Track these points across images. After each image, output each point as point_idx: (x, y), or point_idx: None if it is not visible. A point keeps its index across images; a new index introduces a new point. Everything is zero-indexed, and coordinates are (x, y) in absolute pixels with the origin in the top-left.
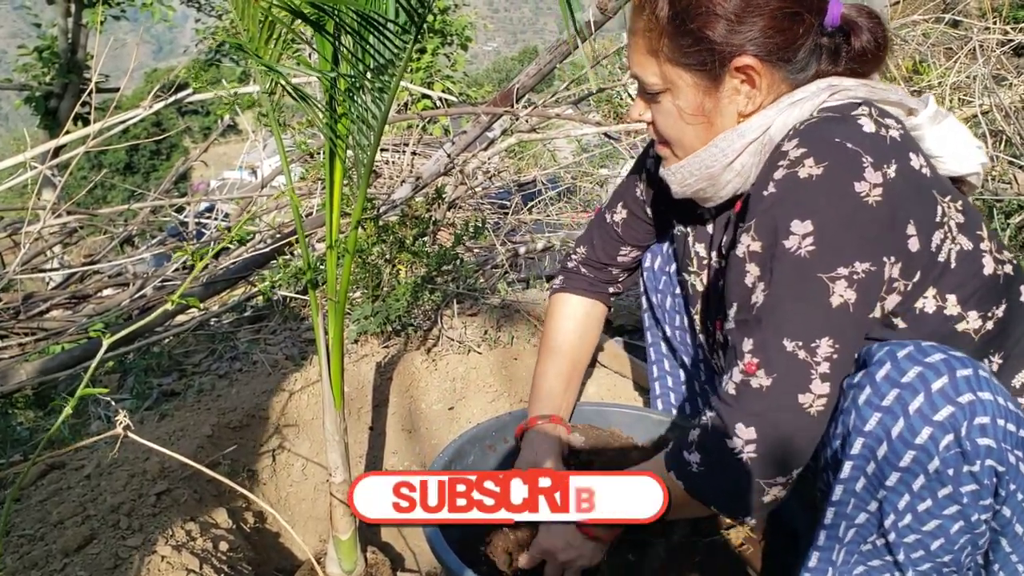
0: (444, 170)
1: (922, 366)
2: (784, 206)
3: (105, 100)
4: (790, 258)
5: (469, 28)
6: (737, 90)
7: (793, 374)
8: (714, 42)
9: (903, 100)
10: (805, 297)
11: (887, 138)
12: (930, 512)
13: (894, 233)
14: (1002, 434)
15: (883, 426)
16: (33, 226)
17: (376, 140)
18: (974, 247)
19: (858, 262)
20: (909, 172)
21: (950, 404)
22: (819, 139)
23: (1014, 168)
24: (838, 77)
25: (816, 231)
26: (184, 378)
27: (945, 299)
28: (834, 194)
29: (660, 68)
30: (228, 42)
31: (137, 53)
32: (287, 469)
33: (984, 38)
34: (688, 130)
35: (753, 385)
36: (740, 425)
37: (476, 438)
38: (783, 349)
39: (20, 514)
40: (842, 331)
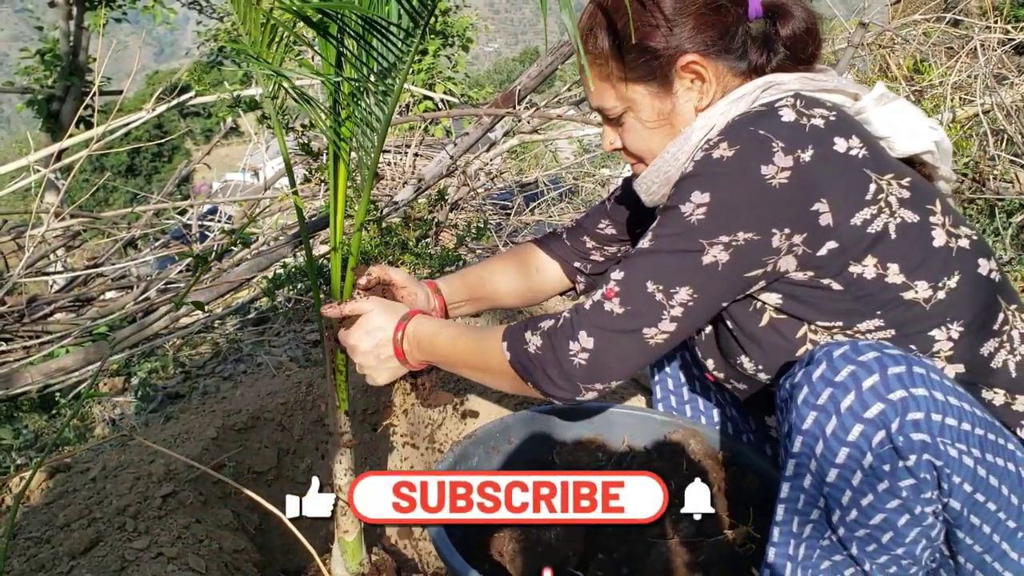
0: (446, 171)
1: (855, 365)
2: (692, 178)
3: (107, 103)
4: (680, 220)
5: (470, 29)
6: (689, 88)
7: (646, 310)
8: (656, 50)
9: (842, 86)
10: (680, 253)
11: (806, 126)
12: (873, 507)
13: (796, 209)
14: (938, 428)
15: (818, 424)
16: (36, 229)
17: (380, 142)
18: (920, 219)
19: (741, 232)
20: (830, 155)
21: (880, 401)
22: (737, 129)
23: (1015, 167)
24: (776, 73)
25: (710, 203)
26: (189, 380)
27: (886, 267)
28: (739, 174)
29: (615, 91)
30: (230, 46)
31: (139, 56)
32: (292, 470)
33: (985, 37)
34: (654, 137)
35: (605, 308)
36: (583, 333)
37: (480, 440)
38: (644, 288)
39: (26, 516)
40: (704, 284)
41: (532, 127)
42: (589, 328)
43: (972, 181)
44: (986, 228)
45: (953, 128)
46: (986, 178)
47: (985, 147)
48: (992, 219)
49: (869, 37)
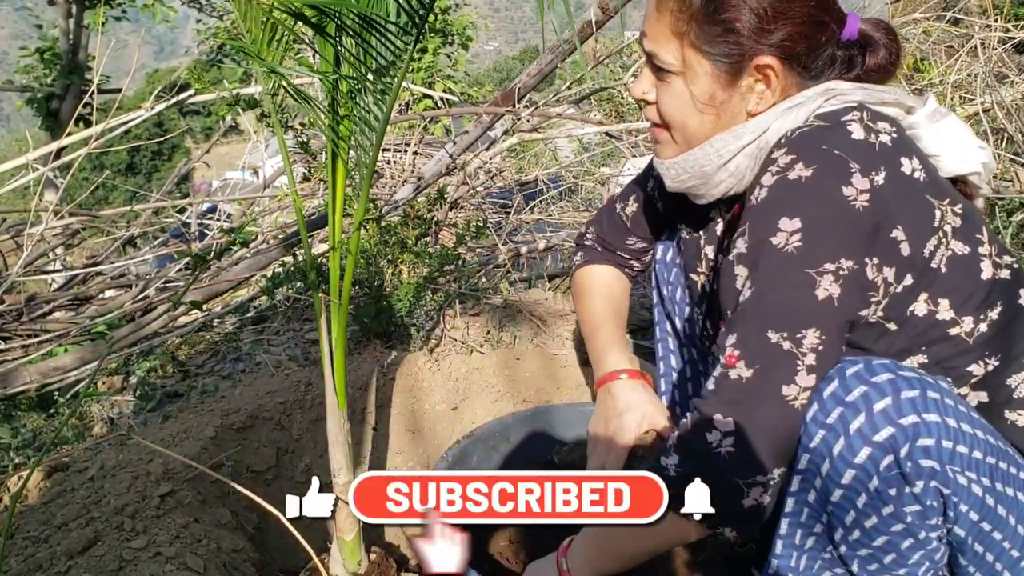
0: (446, 170)
1: (867, 385)
2: (773, 205)
3: (107, 101)
4: (777, 254)
5: (470, 28)
6: (752, 88)
7: (777, 365)
8: (742, 36)
9: (900, 99)
10: (789, 289)
11: (876, 144)
12: (877, 528)
13: (880, 238)
14: (948, 456)
15: (826, 444)
16: (35, 228)
17: (378, 141)
18: (971, 251)
19: (843, 259)
20: (899, 178)
21: (891, 425)
22: (807, 146)
23: (1015, 166)
24: (835, 80)
25: (804, 228)
26: (187, 379)
27: (937, 303)
28: (823, 195)
29: (682, 50)
30: (230, 44)
31: (138, 54)
32: (290, 470)
33: (985, 36)
34: (695, 118)
35: (732, 376)
36: (718, 416)
37: (479, 439)
38: (767, 341)
39: (24, 516)
40: (828, 324)
41: (532, 126)
42: (722, 407)
43: None
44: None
45: None
46: (991, 179)
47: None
48: (992, 218)
49: None
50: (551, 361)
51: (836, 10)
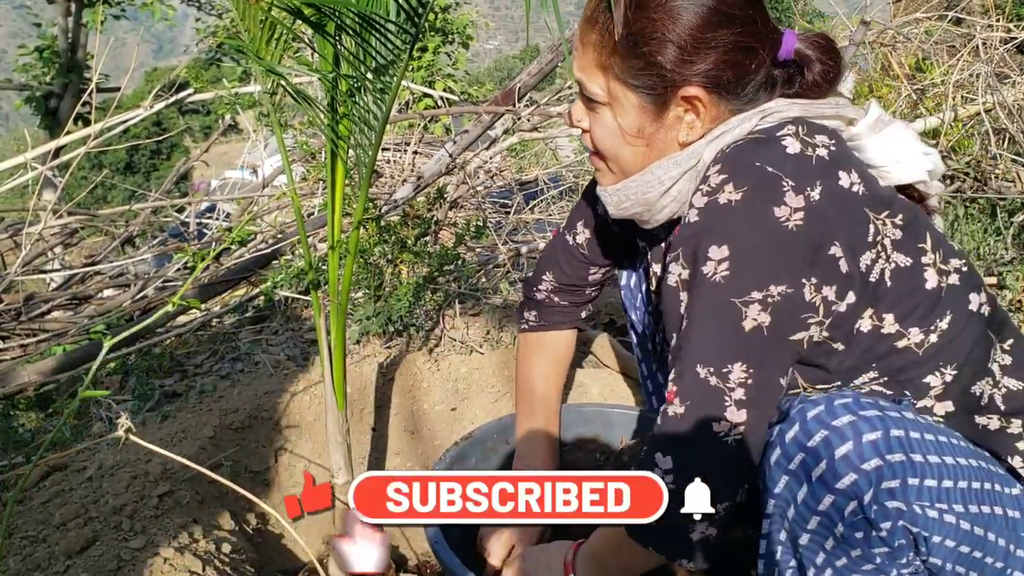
0: (446, 169)
1: (828, 430)
2: (703, 231)
3: (105, 100)
4: (706, 283)
5: (470, 26)
6: (680, 118)
7: (705, 401)
8: (664, 69)
9: (840, 112)
10: (717, 322)
11: (813, 158)
12: (848, 568)
13: (818, 256)
14: (915, 493)
15: (790, 490)
16: (34, 227)
17: (377, 140)
18: (913, 262)
19: (773, 285)
20: (836, 192)
21: (853, 472)
22: (739, 163)
23: (1017, 166)
24: (775, 100)
25: (731, 256)
26: (186, 379)
27: (882, 318)
28: (751, 219)
29: (607, 82)
30: (228, 43)
31: (137, 52)
32: (289, 470)
33: (987, 36)
34: (626, 149)
35: (669, 413)
36: (659, 454)
37: (478, 441)
38: (696, 375)
39: (22, 516)
40: (757, 355)
41: (532, 125)
42: (662, 444)
43: (974, 180)
44: (987, 227)
45: (955, 127)
46: (988, 177)
47: (987, 146)
48: (993, 218)
49: (871, 35)
50: None
51: (766, 32)
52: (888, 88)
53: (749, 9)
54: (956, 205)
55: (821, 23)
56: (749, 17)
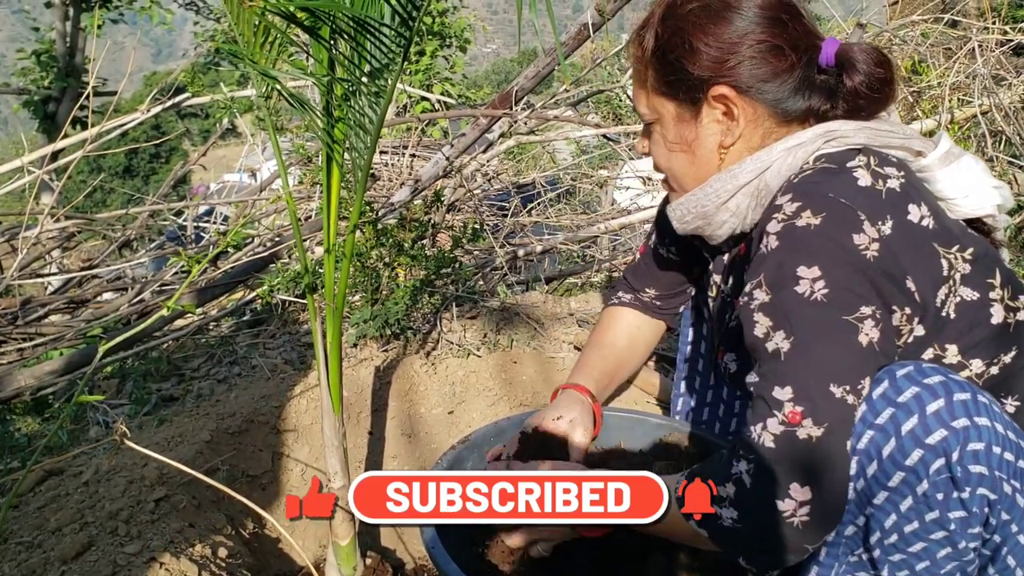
0: (443, 173)
1: (919, 387)
2: (787, 253)
3: (103, 103)
4: (806, 303)
5: (468, 30)
6: (718, 121)
7: (846, 421)
8: (691, 72)
9: (908, 143)
10: (836, 339)
11: (883, 192)
12: (916, 534)
13: (895, 286)
14: (997, 462)
15: (875, 444)
16: (31, 231)
17: (373, 144)
18: (980, 297)
19: (873, 305)
20: (906, 227)
21: (943, 428)
22: (812, 193)
23: (1014, 168)
24: (838, 121)
25: (825, 275)
26: (183, 383)
27: (945, 349)
28: (836, 242)
29: (648, 99)
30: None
31: (135, 56)
32: (286, 474)
33: (983, 38)
34: (674, 159)
35: (800, 436)
36: (795, 485)
37: (475, 444)
38: (831, 396)
39: (18, 521)
40: (875, 371)
41: (529, 128)
42: (798, 474)
43: None
44: None
45: (951, 129)
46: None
47: (983, 148)
48: None
49: (867, 38)
50: (548, 364)
51: (799, 35)
52: None
53: (777, 12)
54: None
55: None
56: (775, 19)
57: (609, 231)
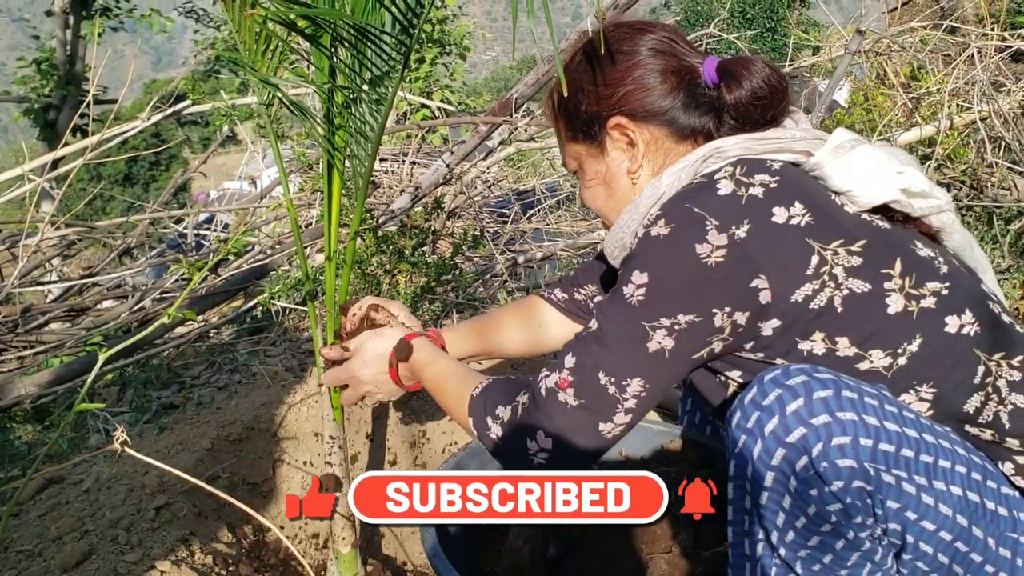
0: (443, 180)
1: (782, 388)
2: (633, 258)
3: (104, 111)
4: (624, 302)
5: (467, 38)
6: (623, 150)
7: (600, 405)
8: (586, 112)
9: (786, 145)
10: (626, 340)
11: (744, 197)
12: (808, 529)
13: (734, 288)
14: (868, 454)
15: (747, 448)
16: (32, 239)
17: (373, 151)
18: (872, 288)
19: (682, 315)
20: (767, 228)
21: (802, 426)
22: (673, 205)
23: (1013, 174)
24: (721, 139)
25: (649, 283)
26: (183, 391)
27: (835, 341)
28: (673, 252)
29: (566, 148)
30: (225, 56)
31: (136, 64)
32: (287, 482)
33: (982, 44)
34: (596, 195)
35: (559, 399)
36: (541, 433)
37: (475, 451)
38: (597, 380)
39: (18, 529)
40: (654, 373)
41: (529, 135)
42: (547, 425)
43: (970, 188)
44: (984, 235)
45: (951, 135)
46: (984, 185)
47: (983, 154)
48: (990, 226)
49: (866, 44)
50: None
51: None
52: (884, 97)
53: (655, 44)
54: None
55: (816, 33)
56: (653, 51)
57: None
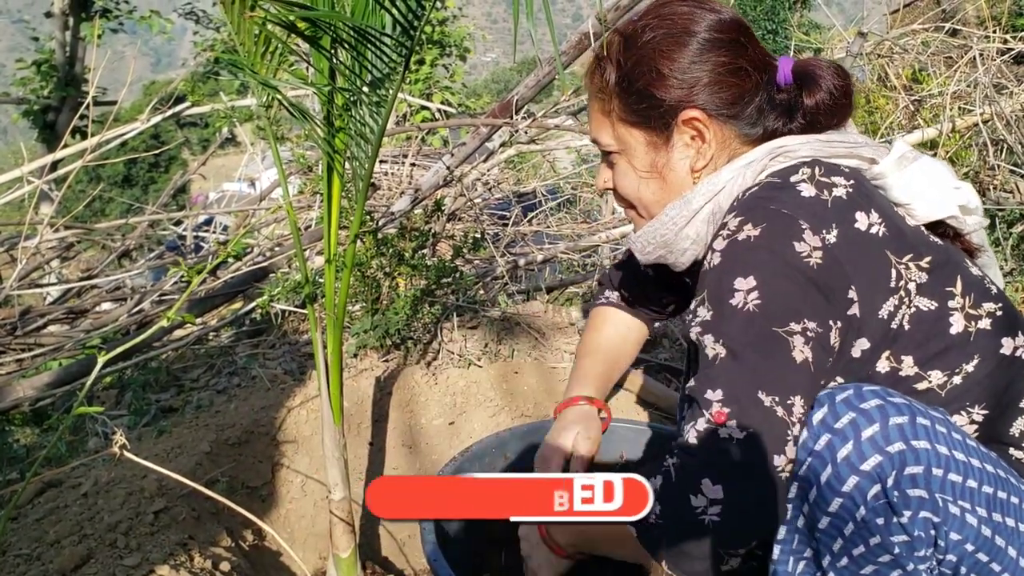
0: (443, 182)
1: (856, 412)
2: (726, 267)
3: (103, 113)
4: (739, 314)
5: (468, 39)
6: (688, 144)
7: (772, 432)
8: (660, 99)
9: (856, 151)
10: (768, 351)
11: (828, 200)
12: (865, 558)
13: (837, 296)
14: (938, 484)
15: (813, 471)
16: (30, 241)
17: (374, 153)
18: (939, 307)
19: (807, 320)
20: (853, 235)
21: (878, 453)
22: (754, 207)
23: (1015, 177)
24: (785, 137)
25: (760, 285)
26: (182, 394)
27: (900, 360)
28: (774, 251)
29: (614, 129)
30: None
31: (135, 66)
32: (286, 486)
33: (984, 47)
34: (644, 187)
35: (721, 435)
36: (707, 481)
37: (476, 456)
38: (760, 403)
39: (16, 533)
40: (808, 391)
41: (530, 137)
42: (711, 472)
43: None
44: (987, 238)
45: (953, 138)
46: (986, 188)
47: (985, 157)
48: (992, 229)
49: (868, 46)
50: (550, 374)
51: (757, 56)
52: (885, 99)
53: (736, 35)
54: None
55: (818, 35)
56: (735, 41)
57: (610, 240)
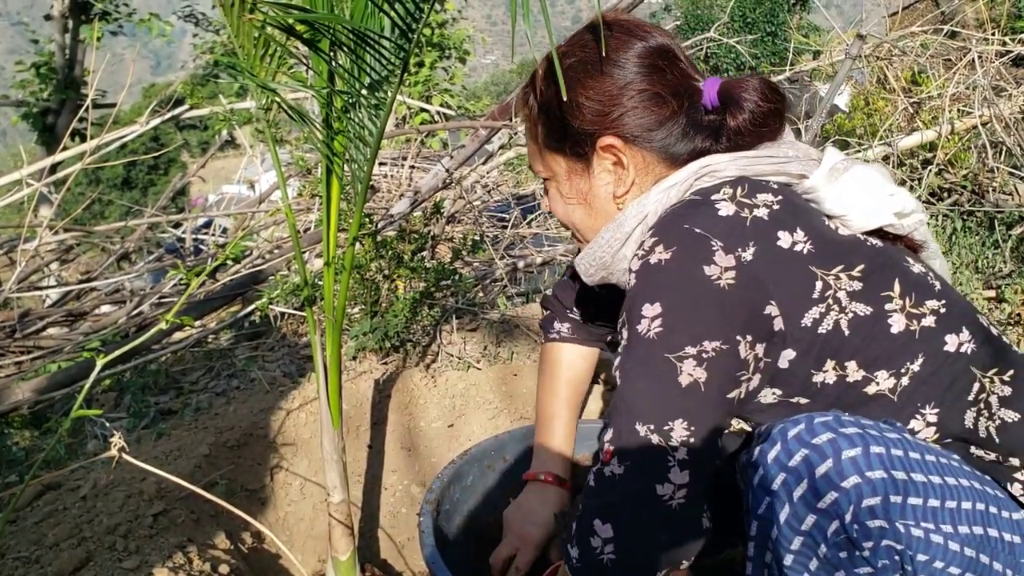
0: (443, 184)
1: (808, 448)
2: (638, 292)
3: (102, 115)
4: (640, 341)
5: (467, 41)
6: (608, 171)
7: (648, 462)
8: (577, 127)
9: (784, 168)
10: (653, 378)
11: (748, 219)
12: None
13: (752, 315)
14: (898, 511)
15: (772, 511)
16: (30, 243)
17: (373, 155)
18: (875, 310)
19: (707, 341)
20: (775, 253)
21: (833, 490)
22: (669, 226)
23: (1014, 179)
24: (712, 155)
25: (663, 312)
26: (181, 396)
27: (845, 367)
28: (682, 277)
29: (541, 156)
30: (223, 60)
31: (135, 68)
32: (285, 488)
33: (983, 49)
34: (572, 213)
35: (606, 474)
36: (597, 521)
37: (475, 458)
38: (636, 433)
39: (15, 536)
40: (696, 412)
41: None
42: (600, 511)
43: (971, 193)
44: (985, 240)
45: (952, 140)
46: (985, 190)
47: (984, 159)
48: (991, 231)
49: (867, 49)
50: None
51: (678, 81)
52: (884, 101)
53: (655, 60)
54: (954, 218)
55: (817, 37)
56: (654, 67)
57: None
